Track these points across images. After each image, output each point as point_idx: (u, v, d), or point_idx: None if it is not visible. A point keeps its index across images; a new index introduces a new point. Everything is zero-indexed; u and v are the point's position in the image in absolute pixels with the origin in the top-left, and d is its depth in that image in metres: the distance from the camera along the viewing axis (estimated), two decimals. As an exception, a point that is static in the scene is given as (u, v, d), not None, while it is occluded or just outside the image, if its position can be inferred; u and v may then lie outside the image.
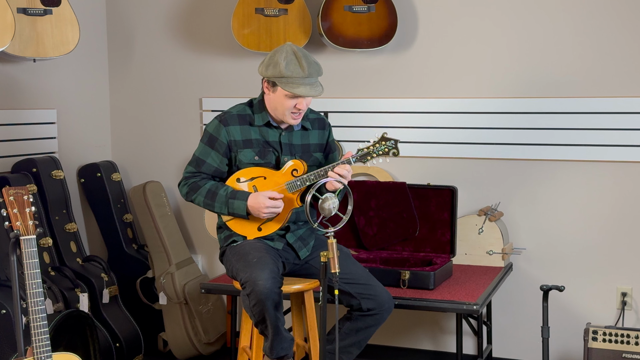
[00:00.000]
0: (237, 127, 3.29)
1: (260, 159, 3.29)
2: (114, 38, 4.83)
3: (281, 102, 3.21)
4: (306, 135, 3.38)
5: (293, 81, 3.14)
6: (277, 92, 3.20)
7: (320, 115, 3.47)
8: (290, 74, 3.14)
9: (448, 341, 4.29)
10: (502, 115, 4.12)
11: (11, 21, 3.70)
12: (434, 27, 4.23)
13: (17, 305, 2.83)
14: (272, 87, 3.22)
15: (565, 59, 4.02)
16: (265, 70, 3.21)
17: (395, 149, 3.20)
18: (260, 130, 3.31)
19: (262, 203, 3.16)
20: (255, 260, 3.11)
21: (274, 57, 3.18)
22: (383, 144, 3.20)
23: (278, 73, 3.15)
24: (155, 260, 4.47)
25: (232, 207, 3.21)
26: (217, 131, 3.29)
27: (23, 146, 4.24)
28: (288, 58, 3.15)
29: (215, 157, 3.29)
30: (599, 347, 3.62)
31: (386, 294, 3.30)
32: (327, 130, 3.45)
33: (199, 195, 3.26)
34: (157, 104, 4.80)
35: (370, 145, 3.20)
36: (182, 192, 3.33)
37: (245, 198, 3.19)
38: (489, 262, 4.08)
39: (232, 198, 3.20)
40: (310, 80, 3.17)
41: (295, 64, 3.15)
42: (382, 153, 3.20)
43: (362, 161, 3.20)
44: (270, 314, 3.04)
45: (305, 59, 3.16)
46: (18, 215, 2.72)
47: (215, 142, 3.29)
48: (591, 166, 4.01)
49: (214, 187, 3.25)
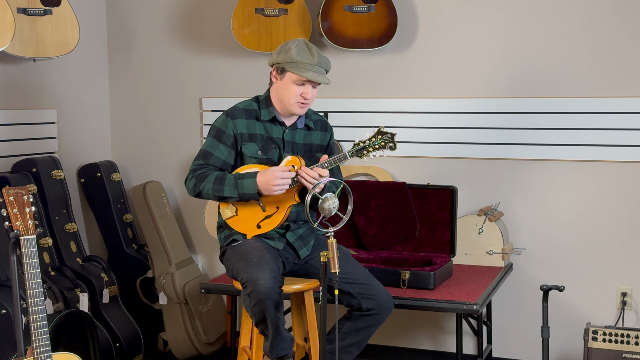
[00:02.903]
0: (244, 121, 3.31)
1: (262, 154, 3.30)
2: (114, 38, 4.83)
3: (288, 89, 3.24)
4: (309, 135, 3.40)
5: (302, 66, 3.19)
6: (285, 79, 3.24)
7: (323, 117, 3.50)
8: (300, 59, 3.19)
9: (448, 341, 4.29)
10: (502, 115, 4.12)
11: (11, 21, 3.70)
12: (434, 27, 4.24)
13: (17, 305, 2.83)
14: (280, 74, 3.26)
15: (565, 58, 4.02)
16: (276, 57, 3.26)
17: (392, 142, 3.20)
18: (265, 125, 3.33)
19: (272, 175, 3.14)
20: (256, 260, 3.11)
21: (286, 45, 3.25)
22: (379, 138, 3.20)
23: (288, 58, 3.20)
24: (155, 260, 4.47)
25: (242, 187, 3.18)
26: (225, 124, 3.30)
27: (23, 146, 4.24)
28: (300, 46, 3.22)
29: (223, 150, 3.30)
30: (599, 347, 3.62)
31: (386, 293, 3.30)
32: (329, 132, 3.47)
33: (208, 183, 3.23)
34: (157, 104, 4.80)
35: (367, 139, 3.21)
36: (189, 186, 3.29)
37: (253, 176, 3.18)
38: (489, 262, 4.08)
39: (240, 178, 3.20)
40: (318, 69, 3.22)
41: (306, 51, 3.21)
42: (378, 147, 3.20)
43: (358, 155, 3.20)
44: (271, 313, 3.04)
45: (316, 50, 3.24)
46: (18, 215, 2.72)
47: (223, 135, 3.30)
48: (591, 166, 4.01)
49: (222, 173, 3.25)
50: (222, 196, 3.22)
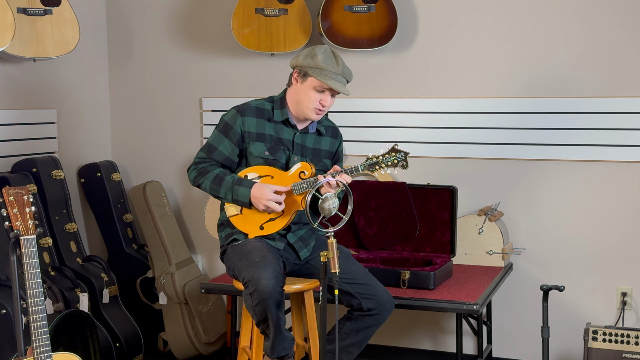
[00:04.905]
0: (254, 120, 3.31)
1: (270, 154, 3.30)
2: (114, 38, 4.83)
3: (307, 94, 3.24)
4: (319, 140, 3.40)
5: (327, 74, 3.20)
6: (306, 83, 3.24)
7: (334, 124, 3.50)
8: (325, 67, 3.19)
9: (448, 341, 4.29)
10: (502, 115, 4.12)
11: (11, 21, 3.70)
12: (434, 27, 4.24)
13: (17, 305, 2.83)
14: (302, 77, 3.25)
15: (565, 59, 4.02)
16: (301, 60, 3.25)
17: (404, 161, 3.24)
18: (275, 126, 3.33)
19: (265, 194, 3.17)
20: (257, 260, 3.11)
21: (313, 51, 3.25)
22: (393, 155, 3.24)
23: (314, 63, 3.20)
24: (155, 260, 4.47)
25: (236, 194, 3.21)
26: (233, 120, 3.31)
27: (23, 146, 4.24)
28: (326, 54, 3.22)
29: (227, 145, 3.30)
30: (599, 347, 3.62)
31: (386, 294, 3.30)
32: (338, 139, 3.48)
33: (207, 180, 3.27)
34: (157, 104, 4.80)
35: (380, 155, 3.24)
36: (191, 177, 3.34)
37: (250, 186, 3.20)
38: (489, 262, 4.08)
39: (237, 185, 3.22)
40: (341, 78, 3.24)
41: (332, 59, 3.21)
42: (390, 164, 3.23)
43: (369, 170, 3.24)
44: (273, 313, 3.04)
45: (341, 60, 3.25)
46: (18, 215, 2.72)
47: (230, 131, 3.30)
48: (591, 166, 4.01)
49: (222, 173, 3.27)
50: (218, 196, 3.26)
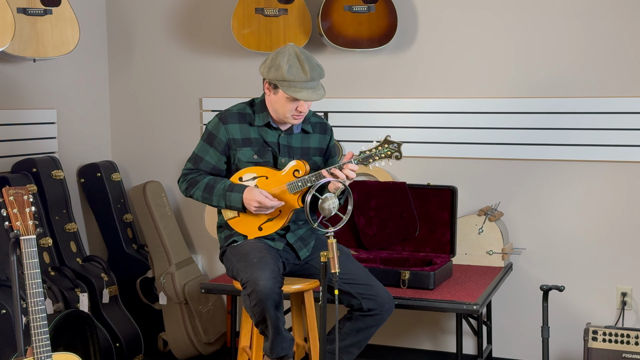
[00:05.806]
0: (237, 126, 3.29)
1: (259, 157, 3.29)
2: (114, 38, 4.83)
3: (282, 104, 3.20)
4: (306, 139, 3.37)
5: (295, 85, 3.12)
6: (278, 95, 3.19)
7: (323, 119, 3.45)
8: (292, 78, 3.11)
9: (448, 341, 4.29)
10: (502, 115, 4.12)
11: (11, 21, 3.70)
12: (434, 27, 4.23)
13: (17, 305, 2.83)
14: (273, 89, 3.20)
15: (565, 58, 4.02)
16: (267, 72, 3.19)
17: (398, 152, 3.16)
18: (259, 130, 3.31)
19: (254, 197, 3.16)
20: (256, 260, 3.11)
21: (276, 60, 3.15)
22: (386, 147, 3.15)
23: (280, 76, 3.13)
24: (155, 260, 4.47)
25: (229, 200, 3.21)
26: (217, 129, 3.29)
27: (23, 146, 4.24)
28: (290, 61, 3.13)
29: (213, 155, 3.30)
30: (599, 347, 3.62)
31: (387, 294, 3.30)
32: (328, 134, 3.43)
33: (197, 190, 3.28)
34: (157, 104, 4.80)
35: (373, 148, 3.16)
36: (182, 188, 3.36)
37: (241, 191, 3.20)
38: (489, 262, 4.08)
39: (229, 191, 3.22)
40: (312, 84, 3.15)
41: (297, 68, 3.12)
42: (384, 156, 3.15)
43: (364, 163, 3.17)
44: (271, 313, 3.04)
45: (307, 62, 3.14)
46: (18, 215, 2.72)
47: (214, 140, 3.29)
48: (591, 166, 4.01)
49: (212, 181, 3.26)
50: (211, 204, 3.26)
